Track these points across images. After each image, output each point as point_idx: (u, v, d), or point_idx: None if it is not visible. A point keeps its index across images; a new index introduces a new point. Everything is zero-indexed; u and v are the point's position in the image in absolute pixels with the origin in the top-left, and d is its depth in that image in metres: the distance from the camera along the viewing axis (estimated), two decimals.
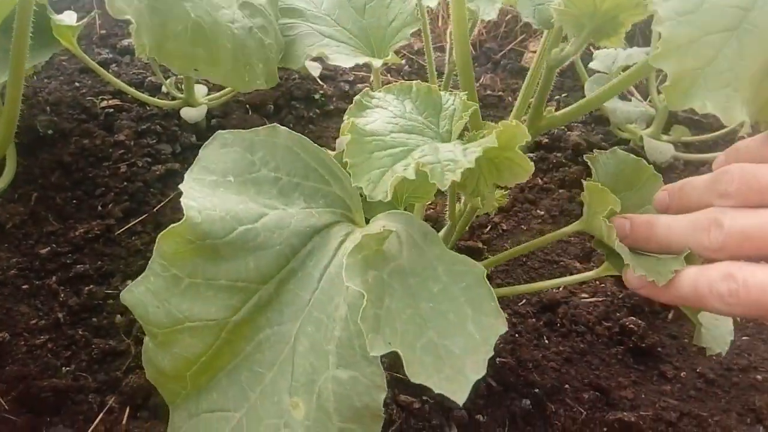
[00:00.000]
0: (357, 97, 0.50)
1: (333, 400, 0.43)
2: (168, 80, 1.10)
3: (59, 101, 1.08)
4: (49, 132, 1.00)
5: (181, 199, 0.45)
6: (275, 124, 0.52)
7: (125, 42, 1.27)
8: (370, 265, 0.43)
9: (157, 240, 0.45)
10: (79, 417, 0.64)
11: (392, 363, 0.72)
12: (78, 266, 0.81)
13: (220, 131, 0.50)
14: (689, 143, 1.17)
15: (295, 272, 0.48)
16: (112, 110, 1.08)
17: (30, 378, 0.65)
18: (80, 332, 0.73)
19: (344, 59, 0.70)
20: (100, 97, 1.11)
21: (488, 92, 1.29)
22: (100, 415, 0.64)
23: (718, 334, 0.66)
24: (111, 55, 1.24)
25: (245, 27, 0.69)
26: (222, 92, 1.11)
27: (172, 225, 0.44)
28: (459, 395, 0.39)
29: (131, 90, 1.05)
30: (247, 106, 1.15)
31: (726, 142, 1.20)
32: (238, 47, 0.67)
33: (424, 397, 0.69)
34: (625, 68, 1.20)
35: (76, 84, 1.14)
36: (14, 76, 0.76)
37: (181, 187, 0.46)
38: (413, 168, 0.42)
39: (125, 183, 0.95)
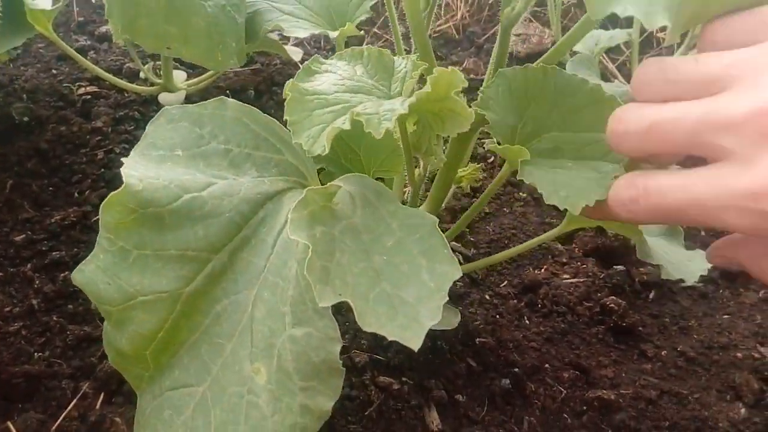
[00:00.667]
0: (306, 63, 0.49)
1: (291, 359, 0.42)
2: (146, 66, 1.08)
3: (36, 88, 1.07)
4: (26, 119, 0.99)
5: (121, 170, 0.44)
6: (222, 96, 0.51)
7: (103, 29, 1.25)
8: (317, 221, 0.42)
9: (100, 212, 0.44)
10: (52, 403, 0.63)
11: (371, 344, 0.72)
12: (54, 253, 0.80)
13: (166, 107, 0.49)
14: None
15: (248, 240, 0.47)
16: (89, 97, 1.07)
17: (2, 365, 0.64)
18: (55, 319, 0.72)
19: (300, 30, 0.70)
20: (78, 84, 1.10)
21: (471, 76, 1.28)
22: (74, 400, 0.63)
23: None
24: (89, 42, 1.22)
25: (218, 5, 0.68)
26: (201, 77, 1.10)
27: (112, 193, 0.43)
28: (414, 342, 0.38)
29: (109, 76, 1.04)
30: (228, 91, 1.13)
31: None
32: (212, 25, 0.66)
33: (404, 378, 0.69)
34: (608, 49, 1.19)
35: (53, 71, 1.13)
36: None
37: (123, 160, 0.45)
38: (349, 118, 0.41)
39: (102, 170, 0.94)
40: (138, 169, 0.45)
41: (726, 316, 0.87)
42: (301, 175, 0.51)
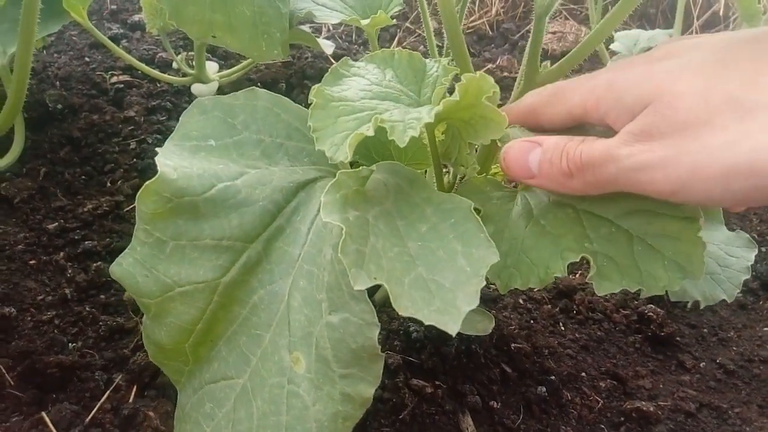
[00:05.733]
0: (335, 66, 0.47)
1: (329, 347, 0.42)
2: (179, 56, 1.08)
3: (69, 76, 1.07)
4: (59, 107, 0.99)
5: (156, 159, 0.44)
6: (253, 87, 0.51)
7: (136, 17, 1.25)
8: (350, 205, 0.41)
9: (136, 202, 0.44)
10: (85, 394, 0.62)
11: (404, 346, 0.71)
12: (86, 242, 0.80)
13: (199, 98, 0.49)
14: None
15: (282, 229, 0.46)
16: (122, 86, 1.06)
17: (36, 354, 0.64)
18: (87, 309, 0.71)
19: (331, 18, 0.71)
20: (110, 72, 1.09)
21: (505, 74, 1.26)
22: (107, 392, 0.62)
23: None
24: (122, 31, 1.22)
25: None
26: (233, 69, 1.09)
27: (147, 182, 0.43)
28: (451, 326, 0.37)
29: (142, 66, 1.03)
30: (259, 84, 1.13)
31: None
32: (257, 15, 0.65)
33: (437, 382, 0.67)
34: (648, 50, 1.17)
35: (86, 59, 1.13)
36: (23, 46, 0.75)
37: (157, 149, 0.45)
38: (373, 125, 0.40)
39: (135, 159, 0.93)
40: (172, 159, 0.45)
41: (766, 329, 0.85)
42: (332, 164, 0.51)
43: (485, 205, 0.48)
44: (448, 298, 0.38)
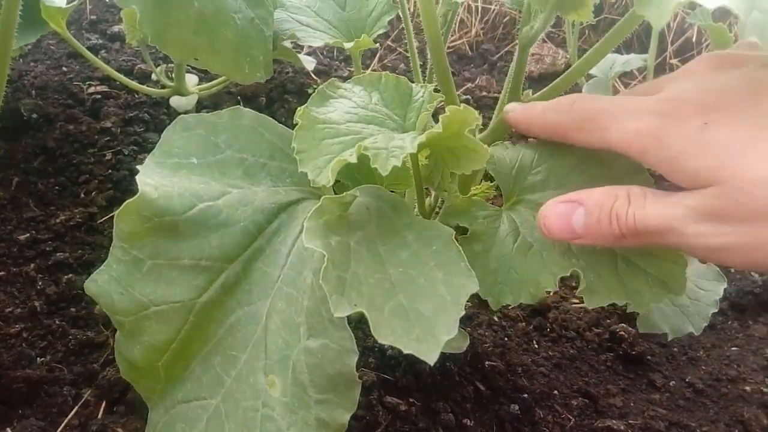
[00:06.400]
0: (321, 87, 0.48)
1: (307, 371, 0.42)
2: (158, 68, 1.07)
3: (45, 85, 1.05)
4: (34, 116, 0.98)
5: (137, 177, 0.43)
6: (238, 106, 0.51)
7: (115, 28, 1.24)
8: (332, 230, 0.41)
9: (114, 221, 0.43)
10: (52, 410, 0.61)
11: (379, 363, 0.71)
12: (58, 254, 0.79)
13: (182, 115, 0.49)
14: None
15: (262, 250, 0.46)
16: (99, 96, 1.05)
17: (2, 368, 0.63)
18: (57, 322, 0.70)
19: (316, 40, 0.71)
20: (88, 82, 1.08)
21: (483, 93, 1.28)
22: (75, 408, 0.61)
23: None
24: (100, 41, 1.21)
25: (247, 17, 0.67)
26: (213, 82, 1.09)
27: (127, 201, 0.43)
28: (430, 356, 0.37)
29: (120, 77, 1.03)
30: (239, 97, 1.13)
31: None
32: (240, 38, 0.65)
33: (411, 400, 0.67)
34: (622, 74, 1.19)
35: (64, 68, 1.12)
36: (0, 57, 0.73)
37: (138, 168, 0.44)
38: (356, 152, 0.41)
39: (110, 171, 0.92)
40: (153, 177, 0.45)
41: (734, 348, 0.86)
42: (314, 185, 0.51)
43: (472, 224, 0.49)
44: (427, 327, 0.38)
